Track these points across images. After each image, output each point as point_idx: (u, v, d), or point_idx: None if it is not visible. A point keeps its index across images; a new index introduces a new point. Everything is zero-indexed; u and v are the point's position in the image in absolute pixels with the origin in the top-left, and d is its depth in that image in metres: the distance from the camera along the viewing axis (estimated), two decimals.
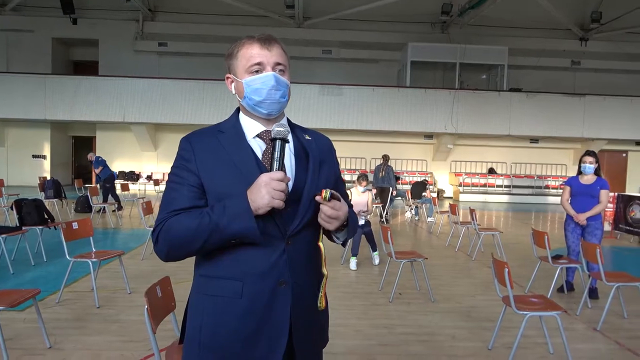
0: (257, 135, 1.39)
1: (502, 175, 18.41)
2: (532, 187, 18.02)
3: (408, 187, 13.63)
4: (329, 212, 1.28)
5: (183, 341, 1.40)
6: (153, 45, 18.06)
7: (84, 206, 10.52)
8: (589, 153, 5.00)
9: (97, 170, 10.92)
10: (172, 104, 16.04)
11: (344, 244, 1.48)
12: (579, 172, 5.03)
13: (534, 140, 18.32)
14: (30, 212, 6.17)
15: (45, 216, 6.37)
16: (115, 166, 16.66)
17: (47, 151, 18.00)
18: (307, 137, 1.46)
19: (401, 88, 17.04)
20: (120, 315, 4.11)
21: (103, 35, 17.91)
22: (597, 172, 4.97)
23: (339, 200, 1.32)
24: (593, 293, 4.88)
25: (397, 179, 13.63)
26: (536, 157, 18.61)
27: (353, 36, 18.04)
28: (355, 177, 6.79)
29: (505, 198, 17.76)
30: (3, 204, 9.06)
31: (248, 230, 1.23)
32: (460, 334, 3.89)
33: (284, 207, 1.24)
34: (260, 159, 1.35)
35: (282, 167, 1.27)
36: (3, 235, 5.54)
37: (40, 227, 6.19)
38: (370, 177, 11.58)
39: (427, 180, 13.04)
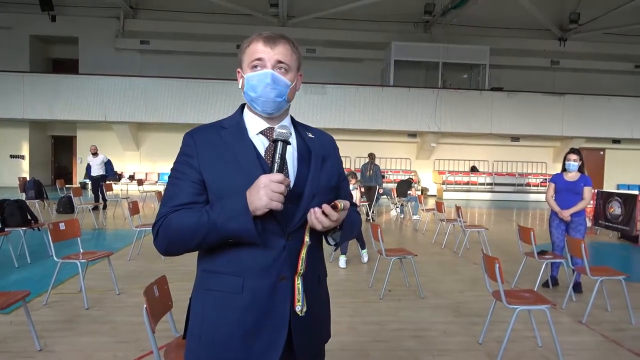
0: (261, 132, 1.40)
1: (484, 173, 18.69)
2: (513, 184, 18.34)
3: (392, 185, 13.73)
4: (327, 222, 1.28)
5: (186, 336, 1.41)
6: (135, 43, 17.81)
7: (66, 207, 10.33)
8: (573, 151, 5.14)
9: (100, 168, 11.00)
10: (154, 103, 15.84)
11: (337, 246, 1.47)
12: (564, 169, 5.17)
13: (515, 138, 18.65)
14: (13, 212, 6.04)
15: (29, 217, 6.25)
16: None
17: (25, 151, 17.61)
18: (311, 135, 1.47)
19: (385, 87, 17.16)
20: (110, 316, 4.06)
21: (83, 33, 17.59)
22: (581, 169, 5.11)
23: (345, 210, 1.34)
24: (577, 287, 5.00)
25: (382, 177, 13.72)
26: (517, 155, 18.95)
27: (337, 35, 18.09)
28: None
29: (487, 196, 18.04)
30: None
31: (245, 231, 1.24)
32: (451, 329, 3.95)
33: (282, 209, 1.25)
34: (263, 155, 1.36)
35: (282, 169, 1.27)
36: None
37: (24, 228, 6.06)
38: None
39: (412, 179, 13.15)
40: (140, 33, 17.67)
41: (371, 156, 10.94)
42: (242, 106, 1.47)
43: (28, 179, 10.61)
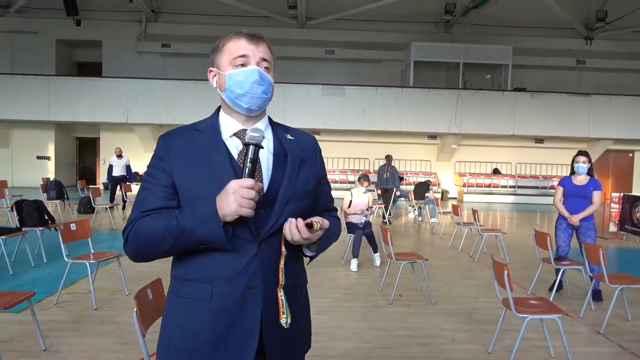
0: (235, 134, 1.35)
1: (506, 175, 18.29)
2: (537, 187, 17.89)
3: (412, 187, 13.55)
4: (297, 237, 1.24)
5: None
6: (156, 47, 18.08)
7: (86, 207, 10.52)
8: (581, 153, 5.01)
9: (122, 169, 11.38)
10: (175, 105, 16.04)
11: (312, 258, 1.40)
12: (572, 172, 5.02)
13: (539, 140, 18.19)
14: (31, 213, 6.16)
15: (46, 217, 6.36)
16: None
17: (51, 152, 18.06)
18: (289, 137, 1.42)
19: (404, 88, 16.96)
20: (117, 316, 4.08)
21: (106, 37, 17.95)
22: (589, 172, 4.95)
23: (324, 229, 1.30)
24: (597, 295, 4.81)
25: (401, 179, 13.56)
26: (541, 157, 18.48)
27: (356, 36, 17.99)
28: (357, 178, 6.73)
29: (510, 199, 17.65)
30: (5, 205, 9.07)
31: (214, 237, 1.20)
32: (461, 336, 3.83)
33: (253, 215, 1.21)
34: (236, 159, 1.31)
35: (254, 174, 1.23)
36: (3, 237, 5.53)
37: (41, 228, 6.17)
38: (374, 178, 11.55)
39: (430, 181, 12.95)
40: (162, 36, 17.93)
41: (388, 158, 10.82)
42: (218, 108, 1.43)
43: (51, 179, 10.87)
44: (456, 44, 17.46)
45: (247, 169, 1.22)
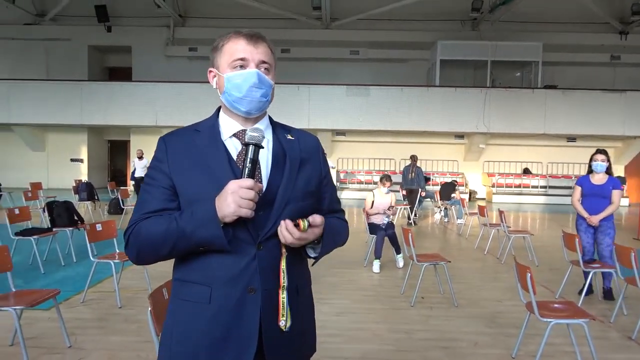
0: (234, 135, 1.34)
1: (537, 175, 17.80)
2: (569, 187, 17.28)
3: (438, 188, 13.35)
4: (290, 239, 1.22)
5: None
6: (183, 50, 18.42)
7: (116, 208, 10.79)
8: (600, 151, 4.88)
9: (143, 170, 11.74)
10: (202, 108, 16.14)
11: (316, 259, 1.37)
12: (590, 171, 4.87)
13: (571, 139, 17.61)
14: (61, 213, 6.36)
15: (75, 218, 6.55)
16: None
17: (84, 155, 18.63)
18: (290, 137, 1.39)
19: (430, 87, 16.74)
20: (140, 315, 4.16)
21: (136, 42, 18.42)
22: (608, 171, 4.81)
23: (317, 227, 1.27)
24: (608, 294, 4.75)
25: (427, 179, 13.37)
26: (574, 157, 17.85)
27: (381, 36, 17.88)
28: (379, 178, 6.67)
29: (541, 199, 17.17)
30: (39, 206, 9.40)
31: (214, 239, 1.19)
32: (483, 340, 3.74)
33: (252, 216, 1.19)
34: (235, 159, 1.30)
35: (253, 174, 1.21)
36: (35, 237, 5.74)
37: (70, 228, 6.36)
38: (399, 178, 11.43)
39: (456, 181, 12.72)
40: (189, 40, 18.25)
41: (413, 158, 10.69)
42: (219, 109, 1.42)
43: (83, 181, 11.23)
44: (484, 42, 17.11)
45: (246, 169, 1.21)
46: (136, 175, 11.85)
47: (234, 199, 1.16)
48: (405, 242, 4.87)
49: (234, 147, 1.32)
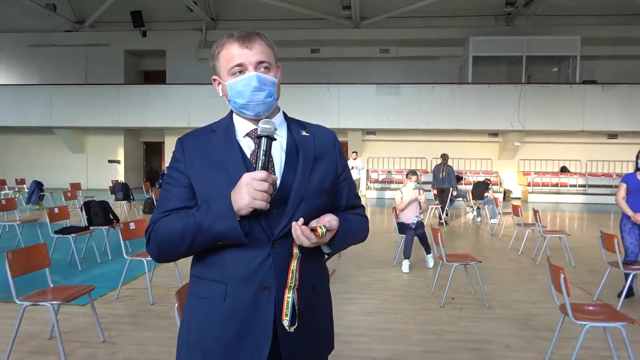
0: (247, 134, 1.35)
1: (576, 174, 17.17)
2: (610, 186, 16.61)
3: (470, 187, 13.08)
4: (306, 243, 1.22)
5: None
6: None
7: (150, 207, 11.09)
8: None
9: None
10: None
11: (329, 256, 1.37)
12: (637, 169, 4.67)
13: (612, 135, 16.89)
14: (97, 212, 6.58)
15: (111, 217, 6.76)
16: None
17: (121, 156, 19.23)
18: (305, 133, 1.39)
19: (463, 85, 16.42)
20: (172, 312, 4.24)
21: (169, 46, 18.89)
22: None
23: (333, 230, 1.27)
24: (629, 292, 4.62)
25: (460, 179, 13.12)
26: (614, 154, 17.14)
27: (411, 34, 17.68)
28: (405, 175, 6.59)
29: (580, 198, 16.55)
30: (78, 206, 9.76)
31: (230, 231, 1.20)
32: (515, 343, 3.63)
33: (268, 208, 1.20)
34: (249, 157, 1.31)
35: (267, 167, 1.22)
36: (73, 235, 5.96)
37: (106, 227, 6.58)
38: (428, 177, 11.26)
39: (489, 180, 12.42)
40: None
41: (444, 157, 10.51)
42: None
43: (119, 182, 11.58)
44: (518, 37, 16.64)
45: (260, 160, 1.22)
46: None
47: (248, 191, 1.17)
48: (435, 241, 4.79)
49: (247, 146, 1.34)
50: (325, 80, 16.16)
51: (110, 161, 19.08)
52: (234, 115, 1.40)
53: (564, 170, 17.39)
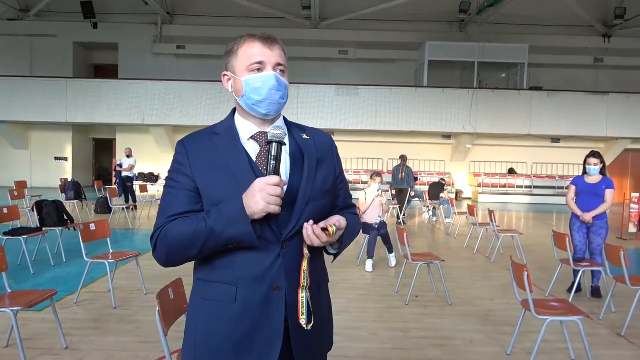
0: (252, 137, 1.36)
1: (522, 175, 18.08)
2: (553, 187, 17.65)
3: (425, 187, 13.48)
4: (317, 242, 1.26)
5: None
6: (171, 48, 18.26)
7: (103, 207, 10.67)
8: (593, 154, 4.99)
9: (129, 169, 11.53)
10: (190, 106, 16.19)
11: (336, 255, 1.42)
12: (584, 172, 5.02)
13: (556, 139, 17.94)
14: (50, 213, 6.27)
15: (65, 217, 6.47)
16: (135, 168, 16.95)
17: (69, 153, 18.35)
18: (305, 136, 1.42)
19: (418, 88, 16.88)
20: (136, 315, 4.13)
21: (123, 39, 18.20)
22: (602, 172, 4.96)
23: (342, 229, 1.32)
24: (596, 292, 4.94)
25: (415, 179, 13.48)
26: (558, 157, 18.21)
27: (370, 36, 17.96)
28: (370, 176, 6.71)
29: (526, 199, 17.44)
30: (25, 205, 9.25)
31: (244, 236, 1.21)
32: (478, 338, 3.80)
33: (280, 212, 1.22)
34: (255, 161, 1.32)
35: (278, 171, 1.24)
36: (24, 236, 5.64)
37: (60, 228, 6.28)
38: (388, 178, 11.51)
39: (444, 181, 12.86)
40: (177, 38, 18.10)
41: (403, 158, 10.77)
42: (234, 110, 1.44)
43: (69, 180, 11.06)
44: (471, 43, 17.33)
45: (271, 166, 1.23)
46: (123, 175, 11.67)
47: (263, 197, 1.18)
48: (400, 241, 4.92)
49: (252, 150, 1.34)
50: None
51: (57, 158, 18.17)
52: (237, 116, 1.41)
53: (511, 172, 18.26)
